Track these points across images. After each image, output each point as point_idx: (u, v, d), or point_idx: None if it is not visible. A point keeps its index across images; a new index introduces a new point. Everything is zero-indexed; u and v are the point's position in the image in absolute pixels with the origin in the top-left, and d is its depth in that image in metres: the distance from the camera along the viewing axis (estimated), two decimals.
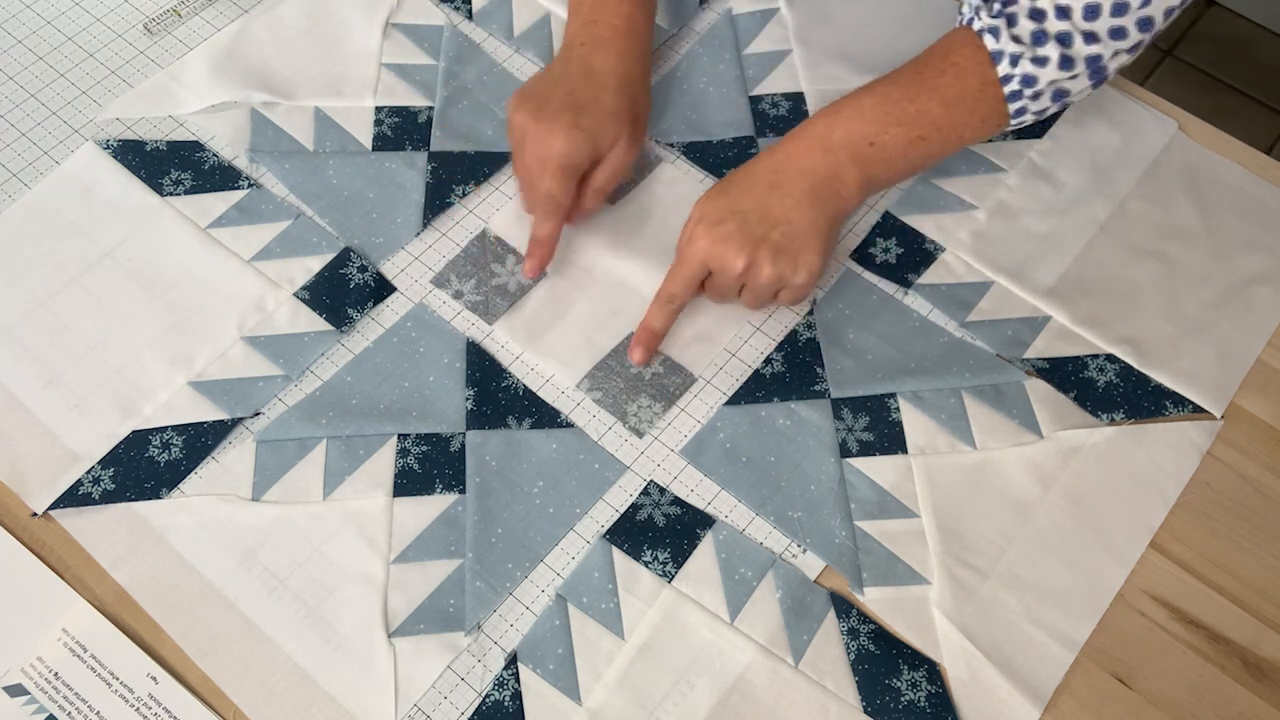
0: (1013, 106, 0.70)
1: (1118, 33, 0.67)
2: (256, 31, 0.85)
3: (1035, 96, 0.69)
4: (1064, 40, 0.67)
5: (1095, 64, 0.68)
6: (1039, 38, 0.67)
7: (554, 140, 0.70)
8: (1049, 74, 0.68)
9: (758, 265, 0.67)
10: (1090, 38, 0.67)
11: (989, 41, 0.68)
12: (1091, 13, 0.66)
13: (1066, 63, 0.67)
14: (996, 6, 0.69)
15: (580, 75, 0.74)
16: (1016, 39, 0.67)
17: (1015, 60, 0.68)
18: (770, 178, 0.69)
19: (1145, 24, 0.67)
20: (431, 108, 0.82)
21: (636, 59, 0.76)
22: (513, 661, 0.62)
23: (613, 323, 0.73)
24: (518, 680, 0.61)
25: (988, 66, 0.69)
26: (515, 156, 0.74)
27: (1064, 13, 0.66)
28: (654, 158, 0.80)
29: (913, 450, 0.68)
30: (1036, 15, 0.67)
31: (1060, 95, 0.70)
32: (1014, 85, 0.69)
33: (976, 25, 0.69)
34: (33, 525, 0.66)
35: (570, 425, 0.69)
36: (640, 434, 0.69)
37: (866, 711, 0.61)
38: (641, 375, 0.71)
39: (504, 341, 0.73)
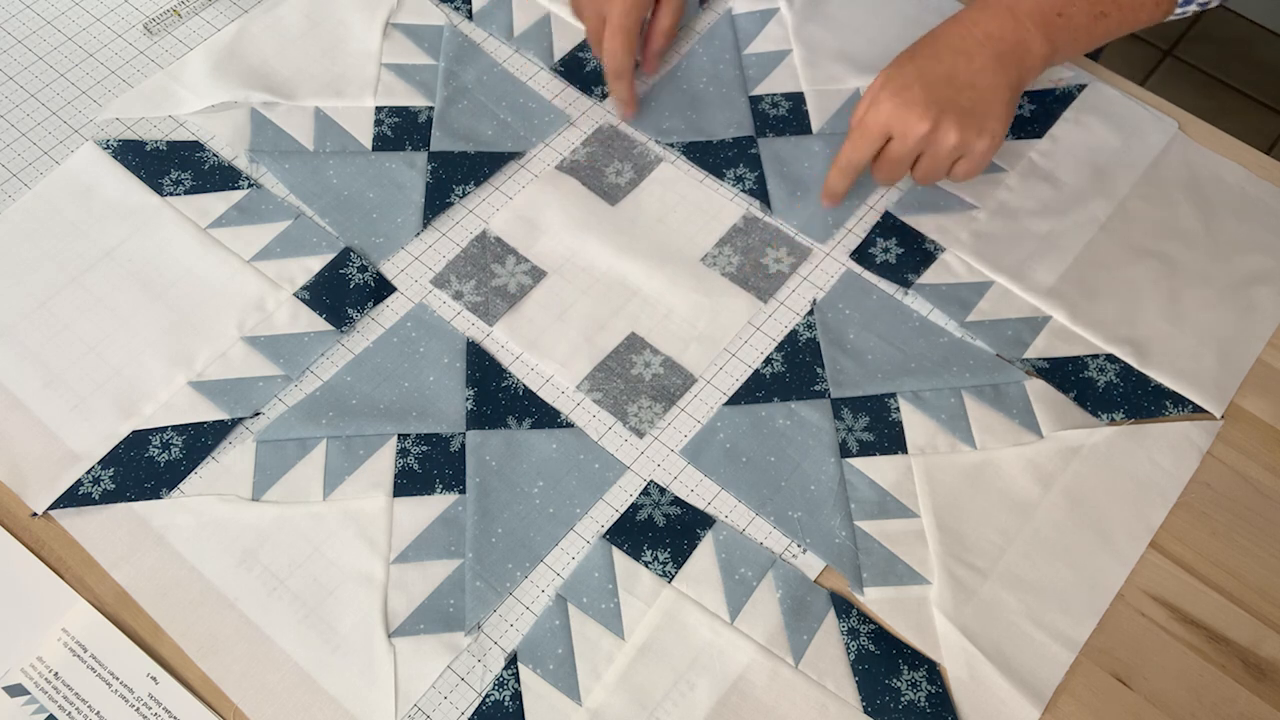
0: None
1: None
2: (256, 31, 0.85)
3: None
4: None
5: None
6: None
7: (611, 4, 0.75)
8: None
9: (943, 129, 0.68)
10: None
11: None
12: None
13: None
14: None
15: None
16: None
17: None
18: (956, 43, 0.68)
19: None
20: (431, 108, 0.82)
21: None
22: (513, 661, 0.62)
23: (613, 323, 0.73)
24: (518, 680, 0.61)
25: None
26: (577, 10, 0.79)
27: None
28: (654, 158, 0.80)
29: (913, 450, 0.68)
30: None
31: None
32: None
33: None
34: (33, 525, 0.66)
35: (570, 425, 0.69)
36: (641, 434, 0.69)
37: (866, 711, 0.61)
38: (642, 376, 0.71)
39: (504, 341, 0.73)
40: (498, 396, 0.70)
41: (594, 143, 0.81)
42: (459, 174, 0.79)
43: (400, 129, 0.81)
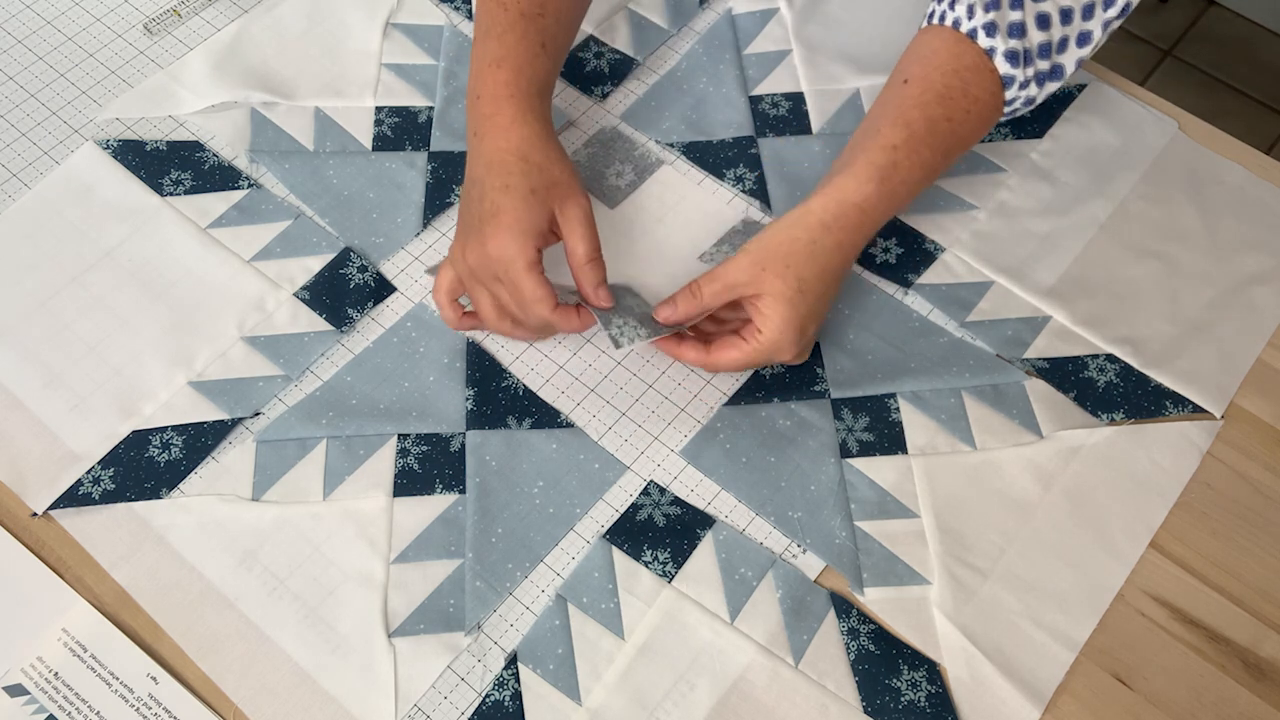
0: (1005, 121, 0.70)
1: (1085, 38, 0.67)
2: (256, 31, 0.85)
3: (1028, 108, 0.71)
4: (1063, 46, 0.67)
5: (1078, 66, 0.69)
6: (1045, 50, 0.66)
7: (496, 249, 0.64)
8: (1047, 90, 0.68)
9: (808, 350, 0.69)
10: (1083, 39, 0.67)
11: (1003, 66, 0.66)
12: (1088, 12, 0.66)
13: (1056, 73, 0.67)
14: (993, 11, 0.66)
15: (482, 173, 0.66)
16: (1026, 57, 0.66)
17: (1024, 84, 0.67)
18: (842, 274, 0.67)
19: (1107, 24, 0.68)
20: (431, 108, 0.82)
21: (530, 118, 0.67)
22: (513, 661, 0.62)
23: None
24: (518, 680, 0.61)
25: (999, 93, 0.67)
26: (480, 301, 0.67)
27: (1067, 16, 0.66)
28: (654, 159, 0.80)
29: (913, 450, 0.68)
30: (1043, 23, 0.66)
31: (1031, 102, 0.70)
32: (1016, 105, 0.69)
33: (987, 43, 0.66)
34: (33, 525, 0.66)
35: (570, 425, 0.69)
36: (618, 345, 0.66)
37: (866, 711, 0.61)
38: (632, 307, 0.68)
39: (504, 341, 0.73)
40: (498, 396, 0.70)
41: (595, 144, 0.81)
42: (459, 174, 0.79)
43: (400, 129, 0.81)
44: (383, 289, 0.74)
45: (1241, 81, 1.90)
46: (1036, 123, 0.81)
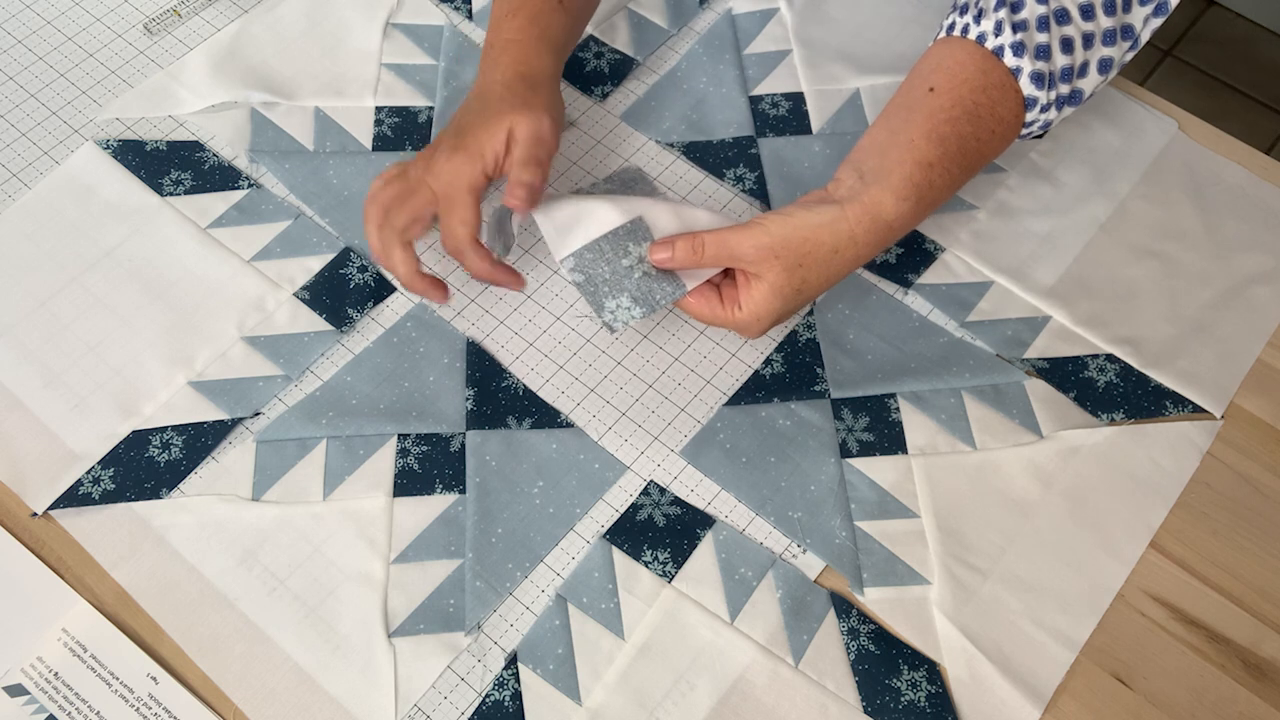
0: (1018, 140, 0.69)
1: (1105, 65, 0.67)
2: (256, 31, 0.85)
3: (1043, 132, 0.70)
4: (1083, 71, 0.66)
5: (1094, 92, 0.69)
6: (1067, 74, 0.65)
7: (447, 165, 0.67)
8: (1063, 114, 0.67)
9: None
10: (1104, 65, 0.66)
11: (1028, 87, 0.65)
12: (1109, 38, 0.66)
13: (1075, 97, 0.67)
14: (1021, 32, 0.64)
15: (472, 99, 0.70)
16: (1050, 80, 0.65)
17: (1045, 107, 0.66)
18: (846, 272, 0.65)
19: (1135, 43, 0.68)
20: (431, 108, 0.82)
21: (532, 60, 0.70)
22: (513, 661, 0.62)
23: None
24: (518, 680, 0.61)
25: (1021, 114, 0.66)
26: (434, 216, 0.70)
27: (1089, 41, 0.66)
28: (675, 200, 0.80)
29: (913, 450, 0.68)
30: (1067, 47, 0.65)
31: (1047, 126, 0.69)
32: (1033, 129, 0.68)
33: (1013, 62, 0.65)
34: (33, 525, 0.66)
35: (570, 425, 0.69)
36: (613, 330, 0.65)
37: (866, 711, 0.61)
38: (631, 271, 0.66)
39: (504, 341, 0.72)
40: (498, 396, 0.70)
41: (614, 181, 0.77)
42: None
43: (400, 129, 0.81)
44: (383, 289, 0.74)
45: (1241, 81, 1.90)
46: None
